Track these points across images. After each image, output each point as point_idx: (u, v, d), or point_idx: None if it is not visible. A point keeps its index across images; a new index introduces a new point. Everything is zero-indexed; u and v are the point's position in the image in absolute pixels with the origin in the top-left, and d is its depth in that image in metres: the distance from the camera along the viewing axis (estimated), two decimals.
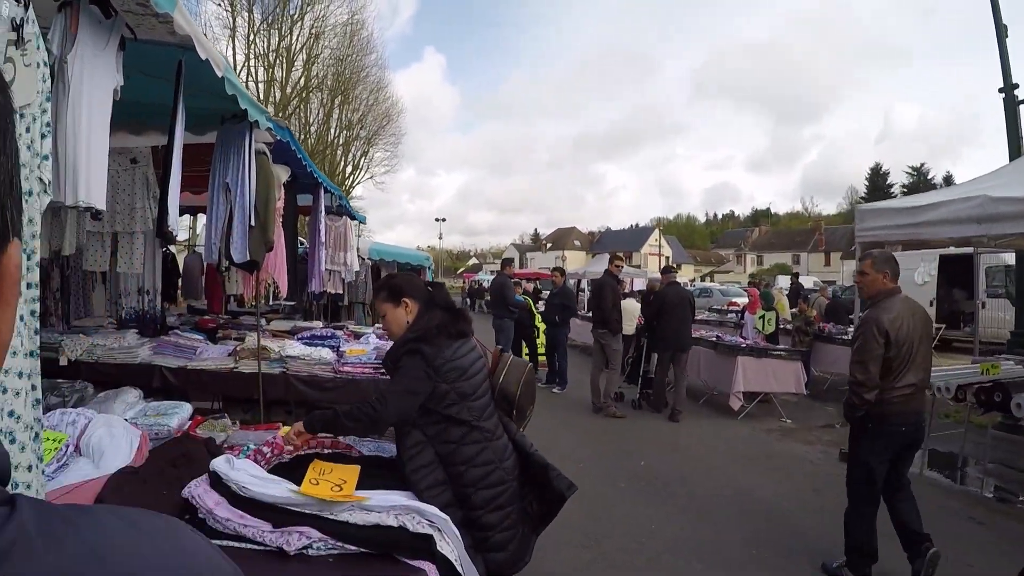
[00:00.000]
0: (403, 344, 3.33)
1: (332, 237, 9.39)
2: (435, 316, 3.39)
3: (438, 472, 3.14)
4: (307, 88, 38.02)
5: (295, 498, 2.62)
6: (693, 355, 12.69)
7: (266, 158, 5.65)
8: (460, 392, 3.24)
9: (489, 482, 3.19)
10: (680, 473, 8.08)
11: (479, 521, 3.12)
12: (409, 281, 3.63)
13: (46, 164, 2.36)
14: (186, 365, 6.34)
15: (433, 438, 3.19)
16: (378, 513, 2.62)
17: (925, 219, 7.88)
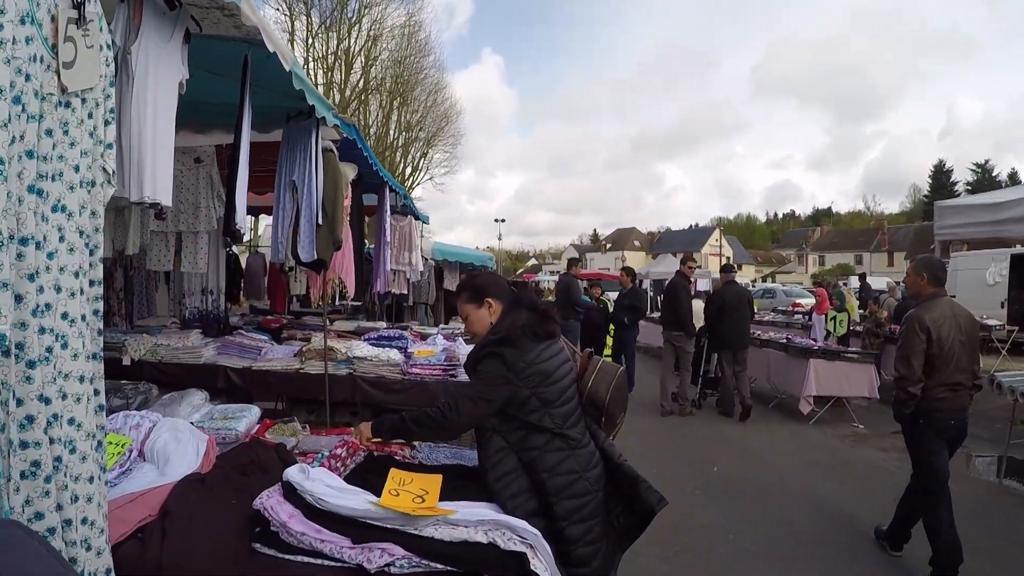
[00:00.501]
0: (483, 347, 3.19)
1: (397, 237, 9.31)
2: (519, 317, 3.22)
3: (522, 480, 2.97)
4: (366, 90, 38.24)
5: (376, 511, 2.45)
6: (762, 357, 12.60)
7: (333, 155, 5.55)
8: (542, 398, 3.06)
9: (573, 492, 2.99)
10: (754, 480, 7.85)
11: (562, 533, 2.92)
12: (492, 280, 3.52)
13: (110, 153, 2.24)
14: (251, 366, 6.28)
15: (515, 444, 3.03)
16: (466, 528, 2.44)
17: (1009, 216, 7.57)
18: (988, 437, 10.07)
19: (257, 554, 2.40)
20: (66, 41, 2.00)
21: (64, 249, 1.98)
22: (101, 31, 2.19)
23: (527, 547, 2.41)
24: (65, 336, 1.98)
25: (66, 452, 1.98)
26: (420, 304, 15.12)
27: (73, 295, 2.01)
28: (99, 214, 2.16)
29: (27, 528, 1.51)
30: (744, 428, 10.77)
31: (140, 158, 3.07)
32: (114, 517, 2.45)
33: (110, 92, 2.27)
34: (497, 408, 3.02)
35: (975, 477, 8.34)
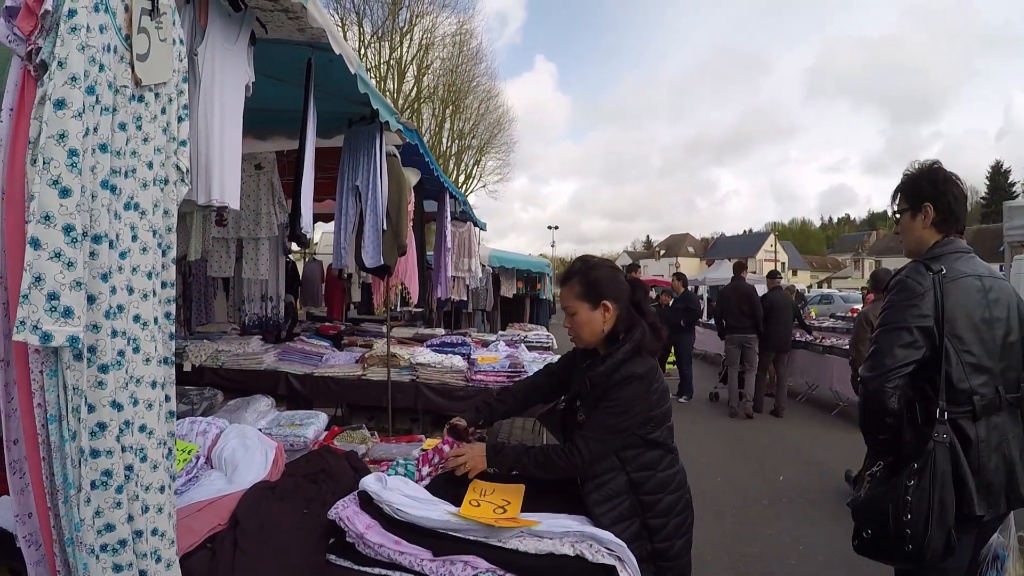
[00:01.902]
0: (621, 366, 2.77)
1: (456, 243, 9.29)
2: (644, 333, 2.87)
3: (628, 502, 2.72)
4: (419, 99, 38.38)
5: (456, 522, 2.34)
6: (824, 364, 12.51)
7: (397, 160, 5.53)
8: (664, 415, 2.84)
9: (680, 507, 2.82)
10: (822, 489, 7.66)
11: (668, 552, 2.74)
12: (613, 278, 2.94)
13: (183, 150, 2.17)
14: (312, 372, 6.31)
15: (629, 462, 2.76)
16: (551, 540, 2.32)
17: None
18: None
19: (332, 566, 2.32)
20: (140, 32, 1.94)
21: (137, 249, 1.92)
22: (174, 25, 2.14)
23: (615, 559, 2.30)
24: (137, 339, 1.92)
25: (137, 460, 1.91)
26: (478, 311, 15.10)
27: (146, 297, 1.95)
28: (172, 213, 2.10)
29: None
30: (808, 436, 10.57)
31: (208, 161, 3.05)
32: (182, 527, 2.38)
33: (183, 88, 2.21)
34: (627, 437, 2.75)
35: None
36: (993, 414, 2.81)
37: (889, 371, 2.77)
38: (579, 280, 2.92)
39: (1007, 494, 2.82)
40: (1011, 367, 2.90)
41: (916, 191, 3.11)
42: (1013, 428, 2.86)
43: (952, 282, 2.84)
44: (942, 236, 3.05)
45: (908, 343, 2.78)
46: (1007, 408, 2.86)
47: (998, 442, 2.80)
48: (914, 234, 3.12)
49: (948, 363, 2.77)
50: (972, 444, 2.75)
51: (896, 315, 2.85)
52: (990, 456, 2.77)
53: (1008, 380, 2.88)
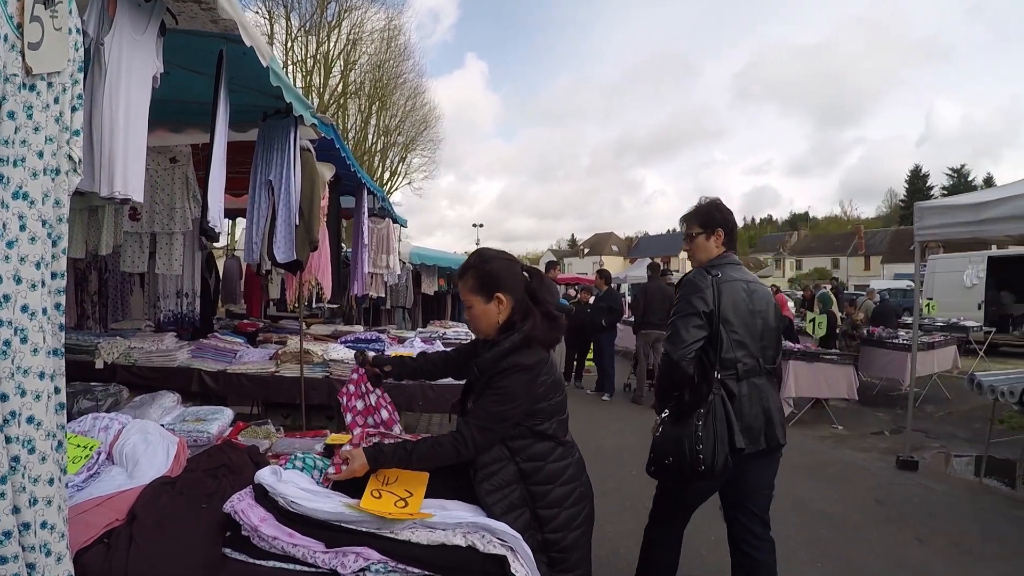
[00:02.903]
0: (505, 356, 2.84)
1: (375, 239, 9.25)
2: (537, 326, 2.92)
3: (518, 492, 2.77)
4: (345, 94, 38.14)
5: (350, 514, 2.35)
6: None
7: (311, 155, 5.49)
8: (554, 408, 2.89)
9: (572, 500, 2.85)
10: None
11: (560, 543, 2.78)
12: (507, 270, 3.00)
13: (76, 140, 2.14)
14: (226, 369, 6.24)
15: (517, 452, 2.81)
16: (443, 531, 2.35)
17: (989, 215, 7.51)
18: (967, 437, 10.19)
19: (228, 560, 2.31)
20: (32, 21, 1.91)
21: (25, 238, 1.89)
22: (71, 14, 2.11)
23: (507, 550, 2.33)
24: (25, 330, 1.89)
25: (25, 452, 1.88)
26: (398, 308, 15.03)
27: (34, 287, 1.92)
28: (63, 203, 2.07)
29: None
30: None
31: (111, 152, 3.01)
32: (79, 521, 2.38)
33: (78, 78, 2.18)
34: (512, 426, 2.80)
35: (955, 476, 8.41)
36: (754, 377, 3.88)
37: (686, 345, 3.72)
38: (473, 274, 3.03)
39: (766, 435, 3.87)
40: (768, 346, 4.01)
41: (710, 219, 4.16)
42: (770, 388, 3.99)
43: (725, 283, 3.89)
44: (724, 251, 4.12)
45: (698, 325, 3.75)
46: (766, 374, 3.97)
47: (757, 397, 3.85)
48: (707, 251, 4.14)
49: (720, 340, 3.78)
50: (736, 397, 3.79)
51: (687, 305, 3.82)
52: (751, 406, 3.82)
53: (766, 355, 3.99)
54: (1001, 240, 15.76)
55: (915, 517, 6.63)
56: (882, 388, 14.06)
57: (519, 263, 3.14)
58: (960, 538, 6.04)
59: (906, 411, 8.97)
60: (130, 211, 6.28)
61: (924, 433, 10.47)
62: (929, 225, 8.43)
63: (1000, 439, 8.93)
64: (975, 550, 5.81)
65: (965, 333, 17.93)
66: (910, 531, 6.22)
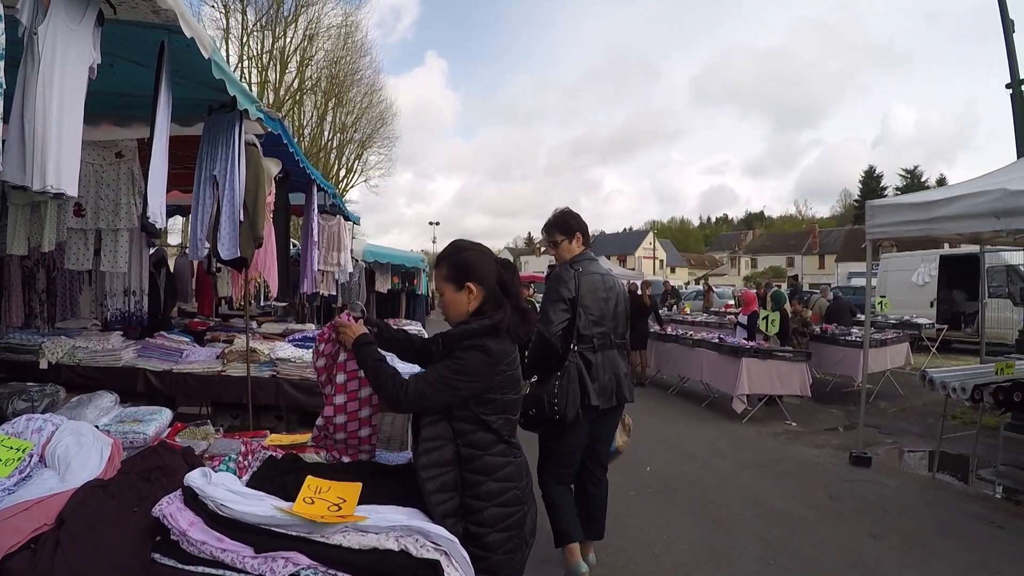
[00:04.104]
0: (470, 335, 2.91)
1: (325, 237, 9.16)
2: (506, 316, 2.99)
3: (452, 475, 2.78)
4: (301, 90, 38.10)
5: (281, 518, 2.28)
6: (695, 357, 13.02)
7: (256, 150, 5.40)
8: (505, 403, 2.91)
9: (504, 500, 2.82)
10: (689, 480, 7.85)
11: (483, 540, 2.75)
12: (480, 261, 3.11)
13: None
14: (172, 368, 6.12)
15: (459, 436, 2.83)
16: (376, 535, 2.27)
17: (939, 214, 7.60)
18: (920, 433, 10.29)
19: (157, 565, 2.22)
20: None
21: None
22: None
23: (441, 554, 2.27)
24: None
25: None
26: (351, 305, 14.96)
27: None
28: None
29: None
30: (678, 428, 10.81)
31: (44, 144, 2.92)
32: (7, 527, 2.30)
33: None
34: (458, 404, 2.83)
35: (909, 472, 8.48)
36: (607, 349, 5.03)
37: (555, 325, 4.85)
38: (446, 263, 3.15)
39: (616, 394, 5.05)
40: (619, 325, 5.17)
41: (568, 226, 5.28)
42: (619, 357, 5.13)
43: (585, 275, 4.98)
44: (583, 250, 5.24)
45: (563, 309, 4.88)
46: (617, 347, 5.14)
47: (610, 364, 5.00)
48: (570, 251, 5.22)
49: (579, 320, 4.89)
50: (593, 365, 4.90)
51: (555, 293, 4.94)
52: (604, 372, 4.95)
53: (617, 331, 5.15)
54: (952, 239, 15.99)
55: (868, 513, 6.69)
56: (835, 385, 14.23)
57: (493, 255, 3.23)
58: (914, 533, 6.11)
59: (859, 407, 9.07)
60: (75, 207, 6.14)
61: (877, 429, 10.62)
62: (880, 223, 8.51)
63: (952, 435, 9.10)
64: (928, 545, 5.87)
65: (918, 330, 18.18)
66: (864, 527, 6.28)
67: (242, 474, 2.93)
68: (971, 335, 20.19)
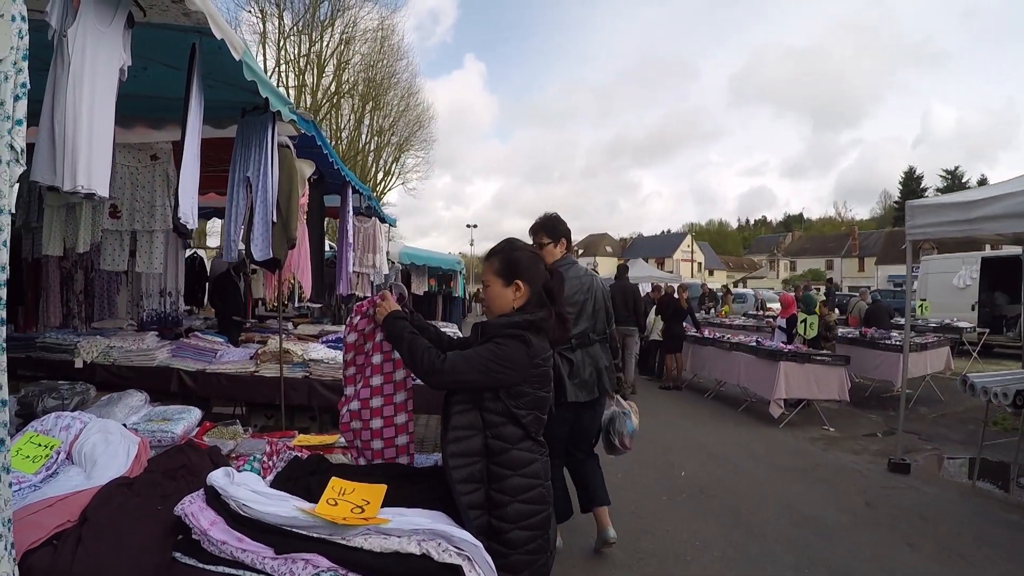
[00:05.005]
0: (514, 324, 2.94)
1: (360, 238, 9.17)
2: (549, 318, 3.05)
3: (479, 466, 2.79)
4: (338, 94, 38.21)
5: (303, 519, 2.25)
6: (732, 360, 12.89)
7: (289, 151, 5.43)
8: (537, 400, 2.91)
9: (529, 497, 2.80)
10: (723, 485, 7.75)
11: (505, 536, 2.74)
12: (532, 263, 3.16)
13: (19, 129, 2.06)
14: (205, 368, 6.15)
15: (490, 426, 2.83)
16: (398, 538, 2.23)
17: (980, 214, 7.46)
18: (960, 439, 10.12)
19: (177, 564, 2.21)
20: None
21: None
22: (14, 1, 2.03)
23: (464, 559, 2.23)
24: None
25: None
26: None
27: None
28: (4, 194, 2.00)
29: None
30: (714, 431, 10.71)
31: (75, 145, 2.96)
32: (30, 522, 2.32)
33: (22, 66, 2.10)
34: (487, 388, 2.82)
35: (948, 479, 8.32)
36: (587, 346, 5.38)
37: None
38: (499, 257, 3.17)
39: (598, 386, 5.39)
40: (598, 322, 5.52)
41: (556, 231, 5.53)
42: (601, 351, 5.49)
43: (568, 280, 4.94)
44: (565, 254, 5.54)
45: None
46: (598, 343, 5.49)
47: (591, 360, 5.36)
48: (553, 255, 5.43)
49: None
50: (574, 364, 5.27)
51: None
52: (585, 367, 5.31)
53: (597, 328, 5.49)
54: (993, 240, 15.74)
55: (906, 521, 6.56)
56: (874, 389, 14.02)
57: (544, 262, 3.26)
58: (952, 542, 5.99)
59: (898, 413, 8.91)
60: (110, 208, 6.20)
61: (916, 435, 10.40)
62: (920, 224, 8.39)
63: (993, 441, 8.91)
64: (967, 555, 5.75)
65: (958, 334, 17.92)
66: (900, 535, 6.16)
67: (266, 474, 2.95)
68: (1013, 339, 19.87)
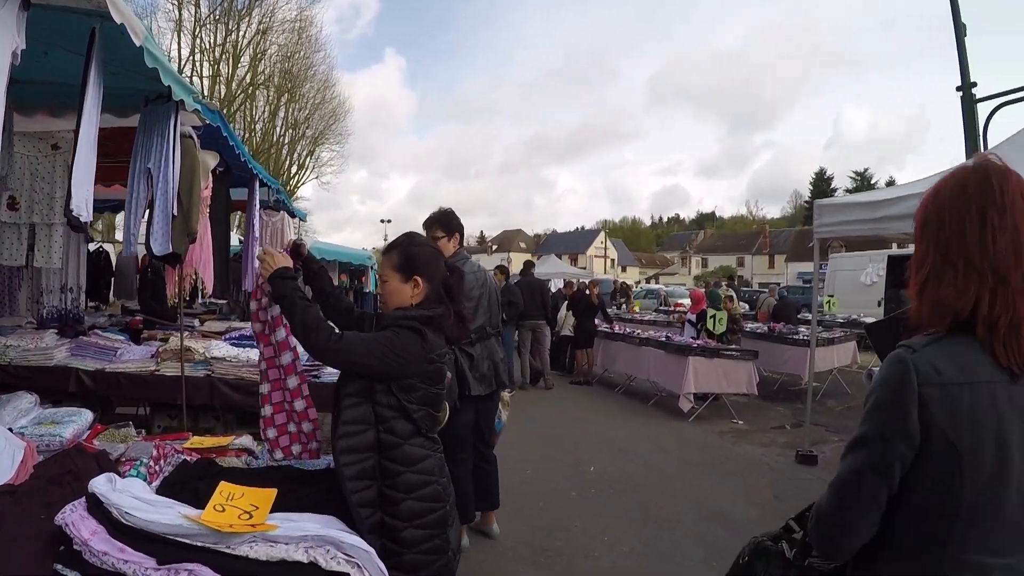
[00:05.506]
0: (410, 317, 2.88)
1: (268, 233, 8.99)
2: (447, 315, 3.02)
3: (371, 462, 2.72)
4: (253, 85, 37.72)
5: (187, 527, 2.16)
6: (642, 355, 13.08)
7: (192, 142, 5.25)
8: (428, 397, 2.86)
9: (423, 494, 2.75)
10: (633, 480, 7.80)
11: (398, 534, 2.67)
12: (432, 259, 3.13)
13: None
14: (105, 368, 5.92)
15: (382, 421, 2.75)
16: (285, 545, 2.17)
17: (886, 213, 7.63)
18: None
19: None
20: None
21: None
22: None
23: (353, 566, 2.17)
24: None
25: None
26: None
27: None
28: None
29: None
30: (624, 426, 10.83)
31: None
32: None
33: None
34: (379, 375, 2.75)
35: None
36: (485, 340, 5.58)
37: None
38: (398, 252, 3.10)
39: (496, 379, 5.64)
40: (493, 316, 5.75)
41: (450, 225, 5.66)
42: (495, 345, 5.73)
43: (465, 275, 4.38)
44: (458, 250, 5.67)
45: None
46: (495, 336, 5.76)
47: (488, 354, 5.58)
48: (447, 250, 5.36)
49: None
50: (474, 358, 5.42)
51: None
52: (483, 361, 5.49)
53: (492, 323, 5.72)
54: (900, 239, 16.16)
55: None
56: (783, 383, 14.32)
57: (444, 258, 3.27)
58: None
59: (806, 405, 9.10)
60: (8, 200, 5.96)
61: (824, 427, 10.64)
62: (828, 223, 8.56)
63: None
64: None
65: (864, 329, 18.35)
66: None
67: (152, 479, 2.84)
68: None
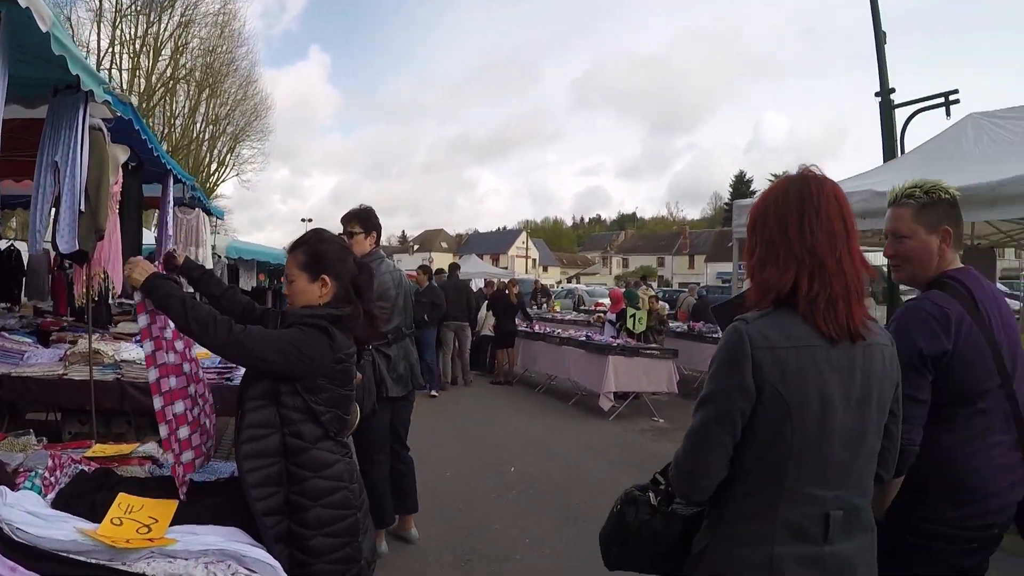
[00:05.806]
0: (318, 315, 2.79)
1: (183, 231, 8.81)
2: (356, 314, 2.92)
3: (277, 468, 2.62)
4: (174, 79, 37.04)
5: (82, 542, 2.05)
6: (562, 355, 13.19)
7: (101, 134, 5.08)
8: (336, 398, 2.77)
9: (332, 501, 2.67)
10: (554, 480, 7.80)
11: (307, 543, 2.58)
12: (340, 256, 3.02)
13: None
14: (11, 372, 5.65)
15: (288, 423, 2.65)
16: (184, 561, 2.08)
17: None
18: None
19: None
20: None
21: None
22: None
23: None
24: None
25: None
26: None
27: None
28: None
29: None
30: (545, 426, 10.85)
31: None
32: None
33: None
34: (284, 374, 2.65)
35: None
36: (401, 340, 5.55)
37: None
38: (304, 250, 2.99)
39: (412, 380, 5.63)
40: (408, 317, 5.75)
41: (369, 223, 5.51)
42: (410, 346, 5.71)
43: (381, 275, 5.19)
44: (374, 248, 5.53)
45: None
46: (409, 337, 5.74)
47: (404, 354, 5.55)
48: (363, 247, 5.34)
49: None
50: (391, 359, 5.38)
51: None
52: (400, 362, 5.47)
53: (407, 324, 5.71)
54: None
55: None
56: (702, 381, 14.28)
57: (352, 255, 3.16)
58: None
59: None
60: None
61: None
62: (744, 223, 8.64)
63: None
64: None
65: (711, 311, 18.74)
66: None
67: (48, 492, 2.70)
68: None
